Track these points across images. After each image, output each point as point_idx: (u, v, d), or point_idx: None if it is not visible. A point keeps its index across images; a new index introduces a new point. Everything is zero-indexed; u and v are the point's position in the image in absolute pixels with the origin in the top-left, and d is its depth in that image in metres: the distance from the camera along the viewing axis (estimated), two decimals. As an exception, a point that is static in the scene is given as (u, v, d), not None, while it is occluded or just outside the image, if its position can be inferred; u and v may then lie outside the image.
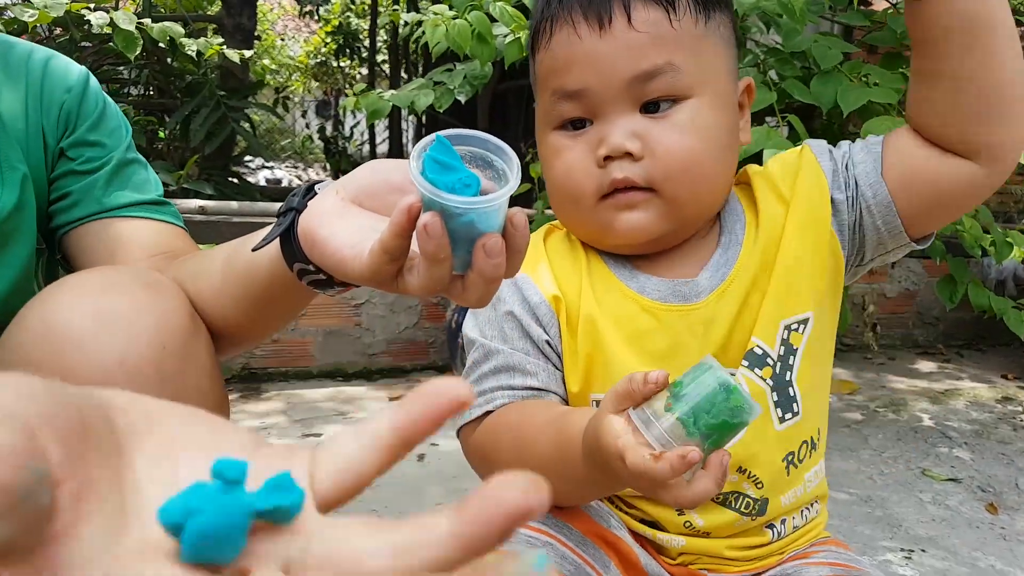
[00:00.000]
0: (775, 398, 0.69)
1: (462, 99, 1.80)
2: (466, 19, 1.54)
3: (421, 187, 0.40)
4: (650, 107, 0.65)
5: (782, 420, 0.70)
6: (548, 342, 0.71)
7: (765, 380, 0.68)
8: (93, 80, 0.83)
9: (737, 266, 0.70)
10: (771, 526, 0.71)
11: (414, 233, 0.42)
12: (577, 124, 0.68)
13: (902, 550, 1.50)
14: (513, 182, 0.42)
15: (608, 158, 0.65)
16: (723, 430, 0.50)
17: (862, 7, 2.23)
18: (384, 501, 1.63)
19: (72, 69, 0.81)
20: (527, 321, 0.70)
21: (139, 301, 0.60)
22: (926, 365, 3.06)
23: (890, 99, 1.67)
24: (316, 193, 0.56)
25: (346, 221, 0.51)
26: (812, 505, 0.74)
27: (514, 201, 0.46)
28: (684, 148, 0.64)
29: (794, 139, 1.63)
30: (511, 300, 0.71)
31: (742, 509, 0.70)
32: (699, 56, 0.65)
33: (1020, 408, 2.53)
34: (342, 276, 0.51)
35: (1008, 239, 2.15)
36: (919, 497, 1.77)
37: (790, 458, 0.70)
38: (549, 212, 2.41)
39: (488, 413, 0.69)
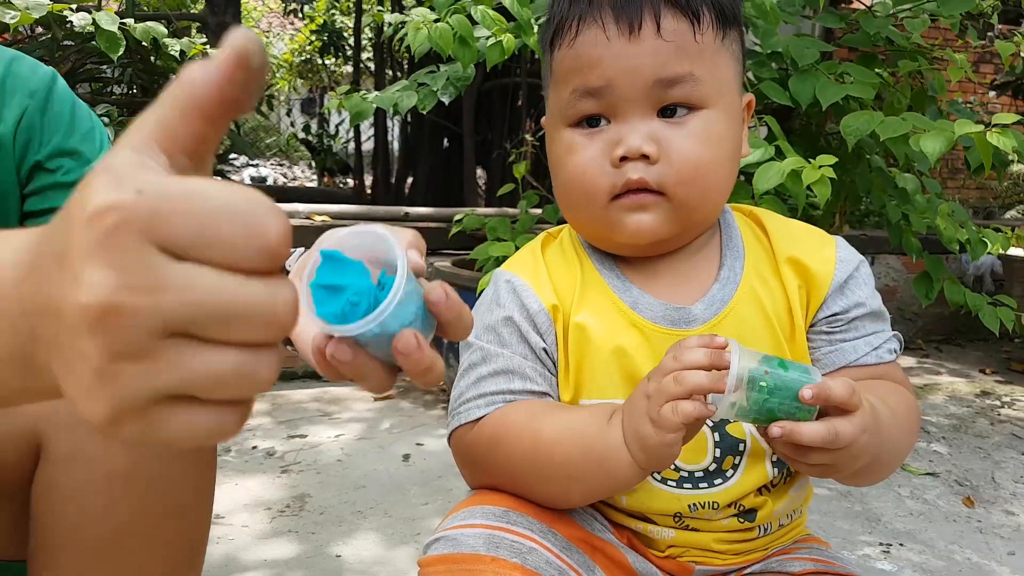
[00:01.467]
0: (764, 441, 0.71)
1: (445, 100, 1.81)
2: (447, 22, 1.54)
3: (312, 323, 0.40)
4: (667, 112, 0.67)
5: (774, 463, 0.72)
6: (545, 350, 0.72)
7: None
8: (60, 82, 0.79)
9: (731, 304, 0.72)
10: (758, 526, 0.74)
11: None
12: (593, 122, 0.69)
13: (880, 544, 1.53)
14: (398, 282, 0.40)
15: (624, 159, 0.66)
16: (771, 416, 0.57)
17: (842, 7, 2.25)
18: (369, 501, 1.63)
19: (37, 72, 0.77)
20: (526, 328, 0.71)
21: None
22: (905, 360, 3.10)
23: (866, 95, 1.69)
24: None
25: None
26: (796, 510, 0.77)
27: (499, 201, 0.45)
28: (698, 155, 0.66)
29: (771, 139, 1.65)
30: (510, 306, 0.72)
31: (738, 520, 0.72)
32: (716, 69, 0.68)
33: (998, 402, 2.57)
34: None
35: (982, 237, 2.19)
36: (897, 492, 1.80)
37: (775, 481, 0.73)
38: (534, 211, 2.42)
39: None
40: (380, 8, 6.18)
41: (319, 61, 8.80)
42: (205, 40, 3.15)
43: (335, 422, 2.16)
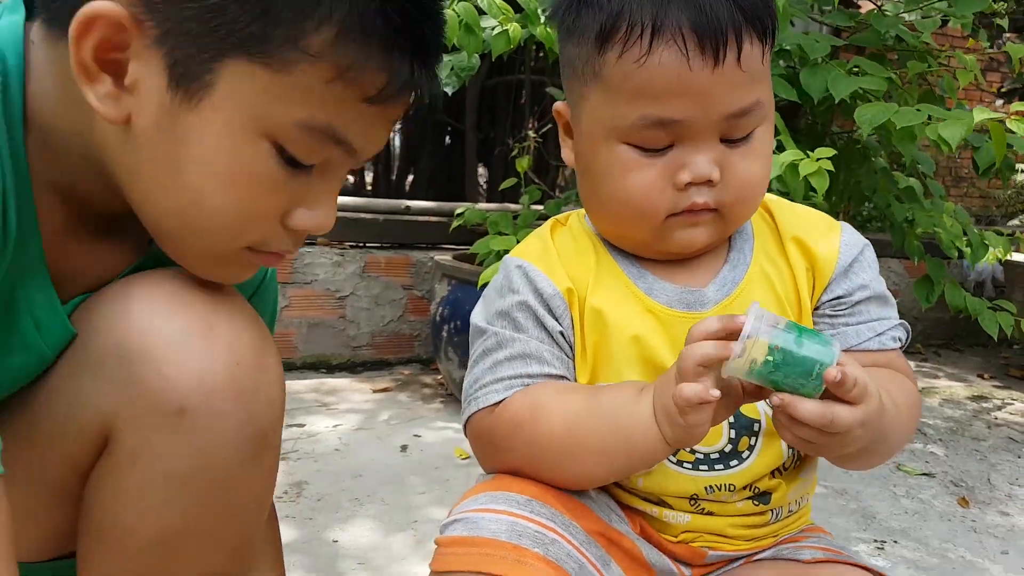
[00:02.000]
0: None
1: (449, 91, 1.81)
2: (453, 9, 1.55)
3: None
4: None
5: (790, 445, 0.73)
6: (562, 333, 0.71)
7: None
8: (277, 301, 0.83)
9: (742, 285, 0.73)
10: (772, 511, 0.75)
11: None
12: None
13: (875, 541, 1.53)
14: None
15: (689, 184, 0.66)
16: (776, 387, 0.57)
17: (849, 8, 2.26)
18: (367, 489, 1.64)
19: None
20: (541, 312, 0.71)
21: (212, 316, 0.60)
22: (905, 364, 3.10)
23: (879, 87, 1.69)
24: None
25: None
26: (804, 496, 0.78)
27: (501, 196, 0.46)
28: (756, 175, 0.68)
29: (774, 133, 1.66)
30: (524, 291, 0.71)
31: (753, 503, 0.73)
32: (769, 84, 0.69)
33: (994, 406, 2.58)
34: None
35: (984, 240, 2.19)
36: (893, 491, 1.80)
37: (787, 464, 0.74)
38: (535, 207, 2.42)
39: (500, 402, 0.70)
40: None
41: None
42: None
43: (333, 412, 2.17)
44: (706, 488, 0.70)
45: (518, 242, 2.21)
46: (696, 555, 0.72)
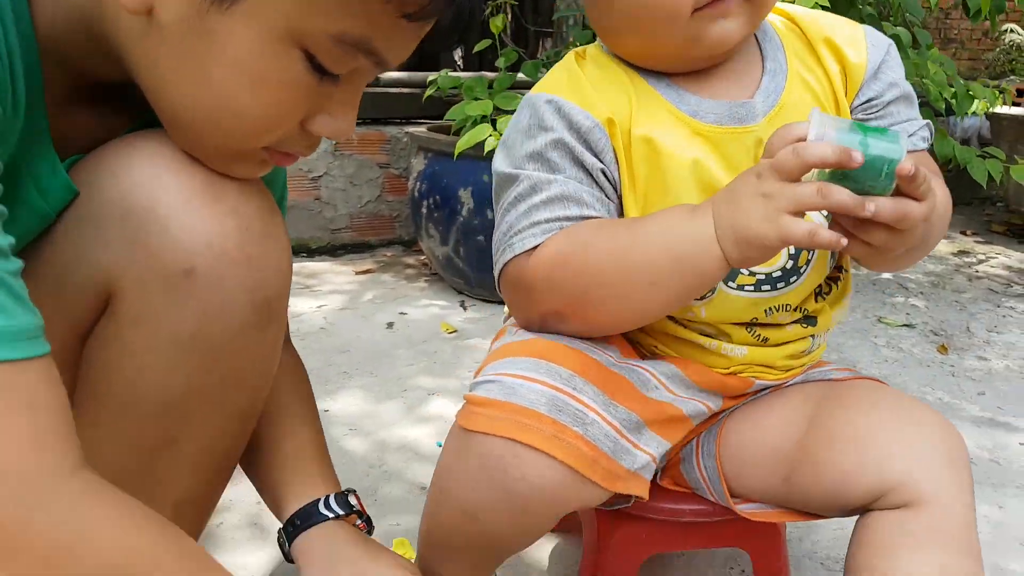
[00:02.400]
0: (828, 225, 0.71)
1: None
2: None
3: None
4: None
5: (832, 255, 0.74)
6: (604, 171, 0.67)
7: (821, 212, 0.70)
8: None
9: (785, 93, 0.70)
10: (812, 336, 0.77)
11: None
12: None
13: (856, 388, 1.57)
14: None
15: None
16: (867, 172, 0.54)
17: None
18: (355, 363, 1.64)
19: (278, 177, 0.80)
20: (579, 149, 0.66)
21: (219, 179, 0.59)
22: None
23: None
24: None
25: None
26: (831, 327, 0.80)
27: (478, 59, 0.42)
28: None
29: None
30: (558, 128, 0.66)
31: (801, 325, 0.74)
32: None
33: (976, 260, 2.60)
34: None
35: (969, 91, 2.14)
36: (874, 341, 1.83)
37: (837, 280, 0.76)
38: (511, 73, 2.31)
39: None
40: None
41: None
42: None
43: (316, 294, 2.15)
44: (766, 311, 0.71)
45: (496, 108, 2.11)
46: (745, 384, 0.74)
